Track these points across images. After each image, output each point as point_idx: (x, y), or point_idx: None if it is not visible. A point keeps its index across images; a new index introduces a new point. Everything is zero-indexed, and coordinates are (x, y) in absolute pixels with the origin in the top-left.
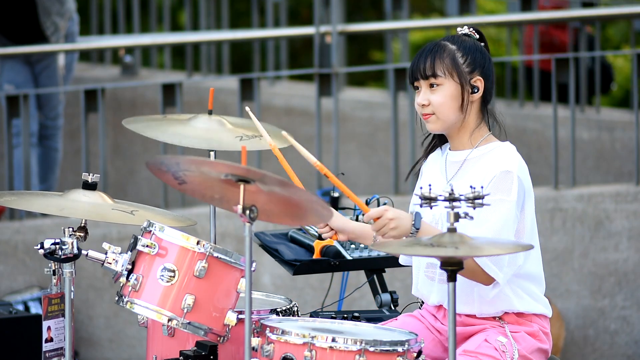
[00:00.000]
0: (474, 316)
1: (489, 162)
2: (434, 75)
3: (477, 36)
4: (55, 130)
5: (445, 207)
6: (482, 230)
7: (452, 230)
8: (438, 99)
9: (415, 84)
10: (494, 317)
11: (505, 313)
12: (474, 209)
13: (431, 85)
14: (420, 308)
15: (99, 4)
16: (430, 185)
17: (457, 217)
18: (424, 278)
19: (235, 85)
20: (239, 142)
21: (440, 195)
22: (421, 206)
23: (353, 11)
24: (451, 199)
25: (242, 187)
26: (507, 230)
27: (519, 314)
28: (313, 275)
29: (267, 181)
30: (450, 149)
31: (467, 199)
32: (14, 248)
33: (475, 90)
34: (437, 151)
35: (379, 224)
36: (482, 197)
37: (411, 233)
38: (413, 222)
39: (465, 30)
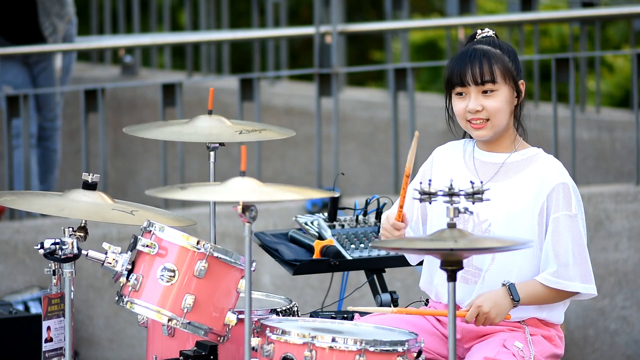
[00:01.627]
0: None
1: (537, 172)
2: (492, 81)
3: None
4: (54, 131)
5: (445, 202)
6: (558, 249)
7: (451, 225)
8: (495, 104)
9: (460, 90)
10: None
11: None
12: (473, 203)
13: (484, 91)
14: (426, 305)
15: (99, 4)
16: (452, 180)
17: (456, 212)
18: (443, 275)
19: (235, 85)
20: (238, 135)
21: (461, 191)
22: (420, 201)
23: (353, 11)
24: (450, 194)
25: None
26: (580, 245)
27: (541, 319)
28: (313, 275)
29: None
30: (478, 148)
31: (467, 195)
32: (14, 248)
33: (520, 94)
34: (454, 144)
35: (480, 321)
36: (481, 192)
37: (514, 306)
38: (512, 297)
39: (490, 32)
